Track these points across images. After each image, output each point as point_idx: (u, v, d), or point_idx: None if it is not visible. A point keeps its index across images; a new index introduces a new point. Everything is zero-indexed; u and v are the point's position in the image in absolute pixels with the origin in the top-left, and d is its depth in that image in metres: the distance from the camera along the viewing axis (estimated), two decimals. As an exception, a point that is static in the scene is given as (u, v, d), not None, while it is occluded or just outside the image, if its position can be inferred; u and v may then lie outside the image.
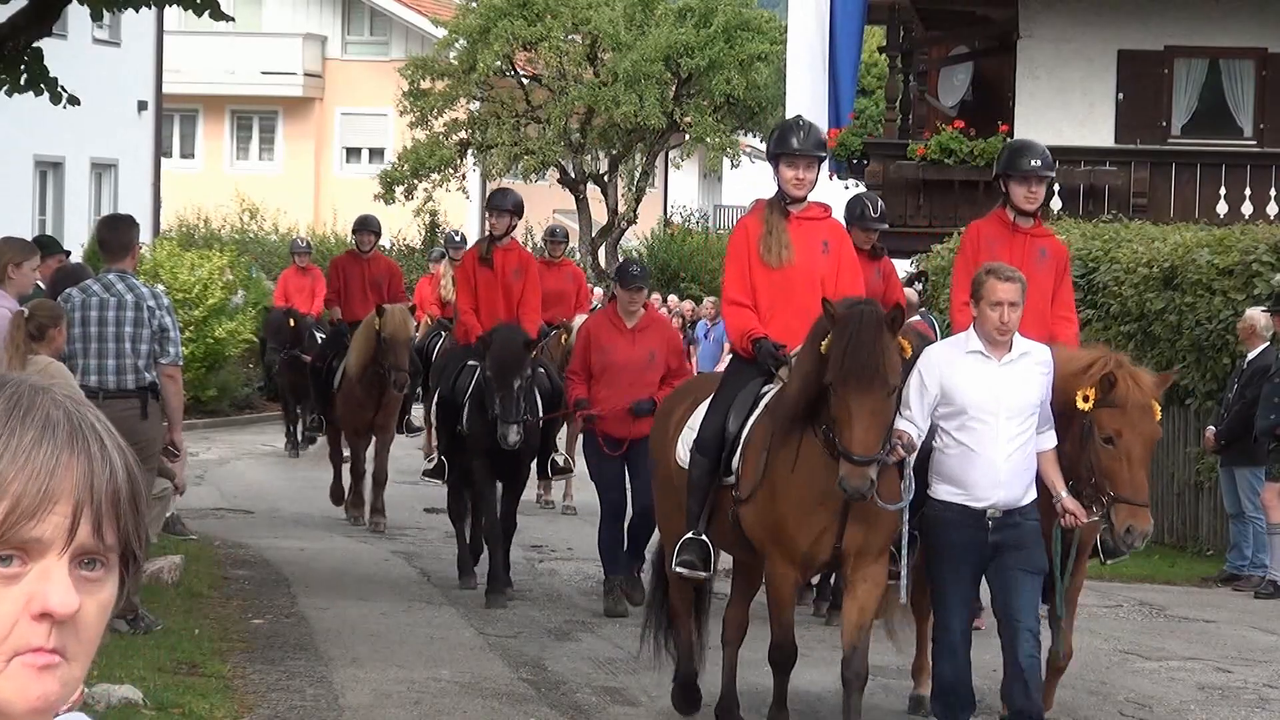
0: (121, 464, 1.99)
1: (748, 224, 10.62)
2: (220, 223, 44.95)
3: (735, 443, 10.08)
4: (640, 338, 14.20)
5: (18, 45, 15.23)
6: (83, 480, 1.95)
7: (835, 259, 10.47)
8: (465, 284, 15.38)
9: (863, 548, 9.64)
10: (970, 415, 9.45)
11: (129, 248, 12.32)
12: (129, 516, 1.99)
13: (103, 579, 1.98)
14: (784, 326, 10.15)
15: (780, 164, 10.43)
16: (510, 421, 14.19)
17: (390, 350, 18.05)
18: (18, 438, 1.94)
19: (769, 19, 43.05)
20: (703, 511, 10.22)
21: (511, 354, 14.31)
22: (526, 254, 15.86)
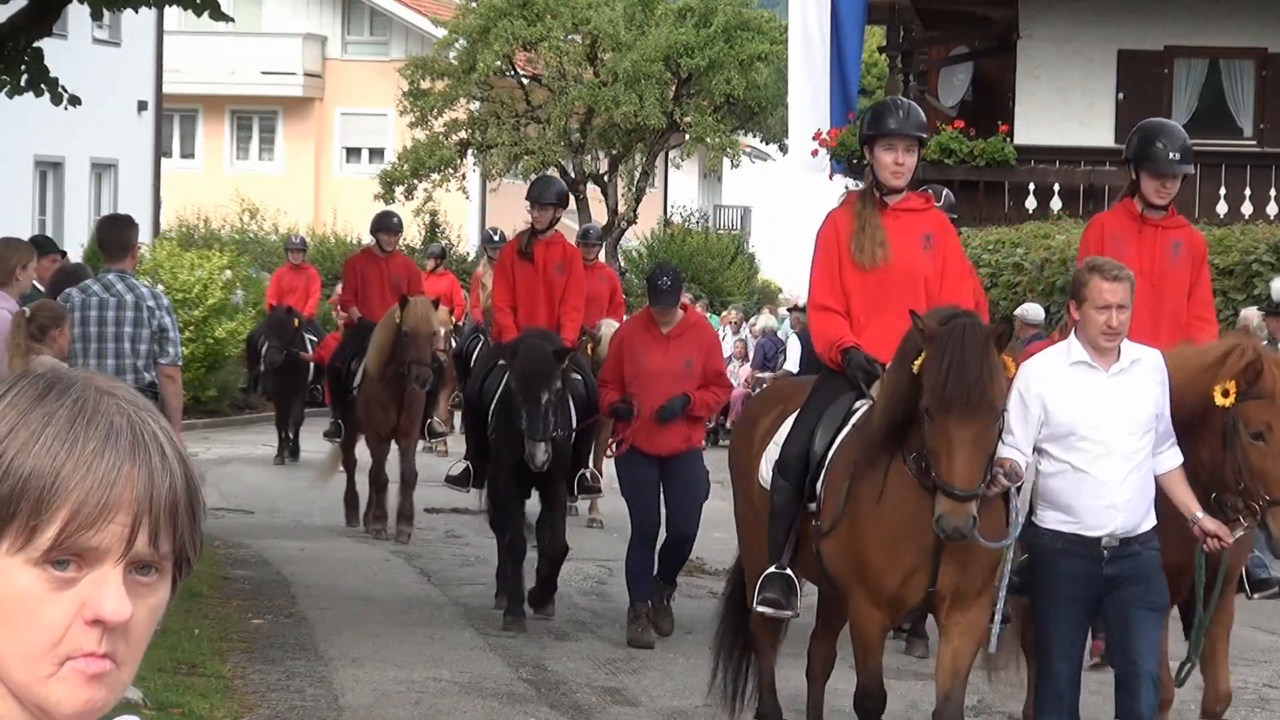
0: (181, 473, 2.00)
1: (837, 219, 9.43)
2: (220, 223, 44.96)
3: (821, 464, 9.02)
4: (676, 344, 13.12)
5: (18, 45, 15.23)
6: (143, 492, 1.96)
7: (939, 256, 9.28)
8: (503, 279, 14.41)
9: (959, 590, 8.60)
10: (1078, 435, 8.30)
11: (129, 248, 12.33)
12: (185, 525, 2.01)
13: (155, 584, 2.00)
14: (880, 335, 9.02)
15: (876, 148, 9.23)
16: (537, 439, 13.05)
17: (411, 344, 17.11)
18: (80, 445, 1.95)
19: (769, 19, 43.04)
20: (787, 541, 9.18)
21: (539, 365, 13.17)
22: (571, 248, 14.82)
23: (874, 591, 8.66)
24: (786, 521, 9.15)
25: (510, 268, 14.35)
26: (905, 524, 8.48)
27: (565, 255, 14.43)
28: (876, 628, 8.84)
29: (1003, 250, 22.39)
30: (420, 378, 17.23)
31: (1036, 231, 22.66)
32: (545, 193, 14.55)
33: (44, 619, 1.95)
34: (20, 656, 1.95)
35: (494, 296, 14.58)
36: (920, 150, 9.41)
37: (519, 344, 13.35)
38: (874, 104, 9.70)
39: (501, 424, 13.54)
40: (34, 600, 1.94)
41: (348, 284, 18.93)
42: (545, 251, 14.29)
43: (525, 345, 13.32)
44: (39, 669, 1.95)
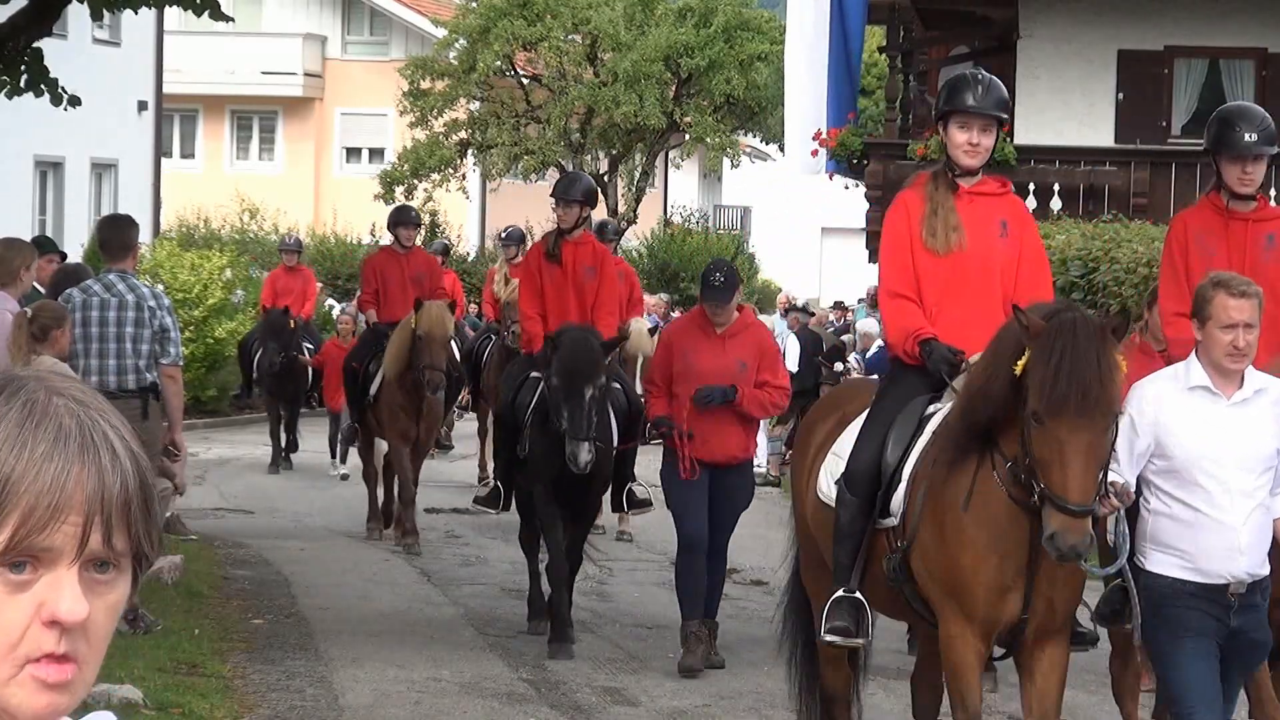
0: (133, 469, 2.01)
1: (908, 201, 8.74)
2: (220, 223, 44.96)
3: (895, 477, 8.20)
4: (730, 344, 12.16)
5: (18, 45, 15.23)
6: (94, 492, 1.97)
7: (1015, 243, 8.54)
8: (530, 285, 13.50)
9: (1046, 620, 7.78)
10: (1197, 471, 7.43)
11: (130, 248, 12.34)
12: (140, 521, 2.01)
13: (113, 581, 2.01)
14: (953, 326, 8.32)
15: (950, 125, 8.64)
16: (581, 438, 12.04)
17: (425, 349, 16.48)
18: (29, 450, 1.96)
19: (769, 19, 43.04)
20: (855, 563, 8.34)
21: (584, 356, 12.29)
22: (601, 248, 13.94)
23: (965, 605, 7.81)
24: (854, 541, 8.33)
25: (537, 272, 13.48)
26: (994, 535, 7.70)
27: (596, 256, 13.59)
28: (970, 652, 7.86)
29: (1003, 250, 22.37)
30: (433, 383, 16.59)
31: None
32: (571, 189, 13.72)
33: (2, 622, 1.95)
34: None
35: (521, 304, 13.67)
36: (998, 130, 8.73)
37: (560, 336, 12.43)
38: (951, 78, 8.89)
39: (538, 435, 12.60)
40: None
41: (367, 284, 18.07)
42: (574, 253, 13.43)
43: (568, 337, 12.42)
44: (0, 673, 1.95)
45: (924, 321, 8.38)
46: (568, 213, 13.51)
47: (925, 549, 7.97)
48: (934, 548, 7.92)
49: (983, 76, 8.79)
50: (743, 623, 13.78)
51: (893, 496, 8.18)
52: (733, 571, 16.24)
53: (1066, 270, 19.95)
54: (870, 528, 8.29)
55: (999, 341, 7.62)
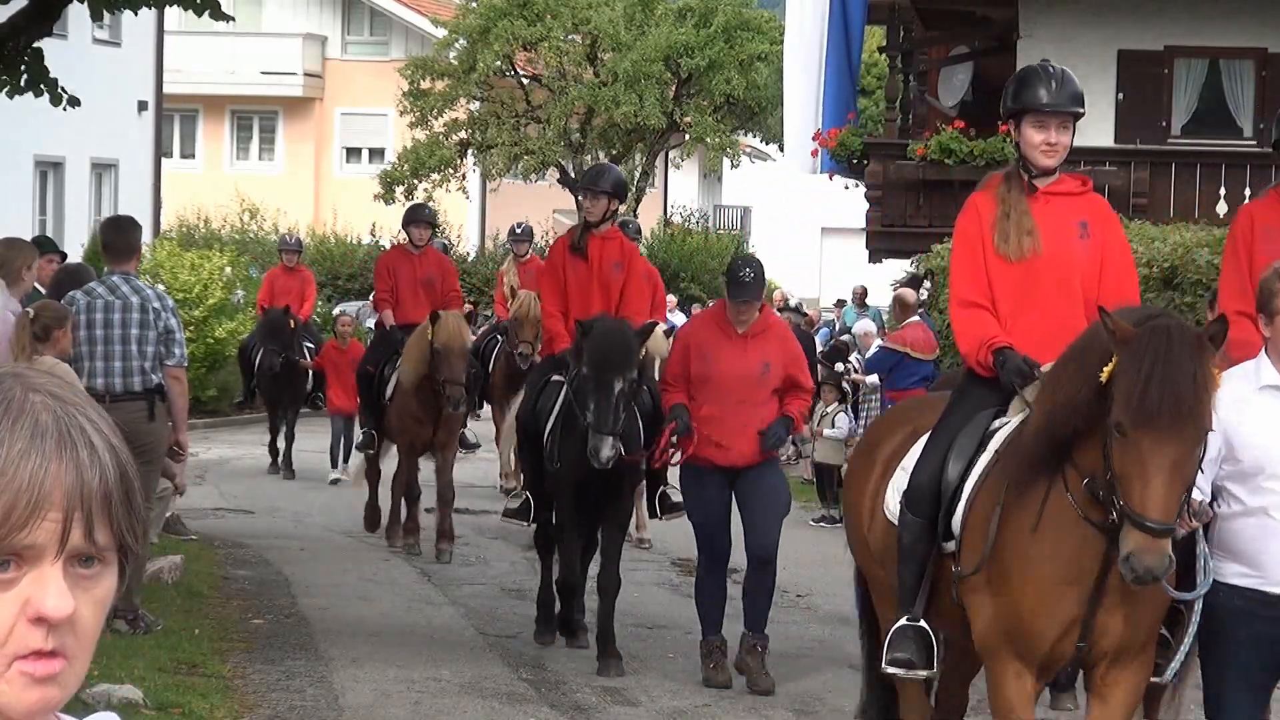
0: (112, 463, 2.01)
1: (979, 204, 8.07)
2: (220, 223, 44.99)
3: (956, 495, 7.67)
4: (753, 345, 11.54)
5: (18, 45, 15.23)
6: (72, 488, 1.97)
7: (1097, 245, 7.91)
8: (552, 281, 12.80)
9: (1122, 645, 7.22)
10: (1268, 474, 6.98)
11: (134, 250, 12.34)
12: (121, 515, 2.01)
13: (99, 575, 2.01)
14: (1027, 336, 7.76)
15: (1024, 124, 7.94)
16: (605, 431, 11.43)
17: (444, 362, 15.86)
18: (6, 447, 1.96)
19: (769, 19, 43.06)
20: (920, 587, 7.81)
21: (618, 346, 11.65)
22: (629, 244, 13.17)
23: (1024, 648, 7.26)
24: (918, 564, 7.77)
25: (561, 267, 12.76)
26: (1064, 563, 7.14)
27: (623, 252, 12.89)
28: (1024, 697, 7.33)
29: (1003, 250, 22.37)
30: (453, 398, 15.99)
31: (1036, 231, 22.62)
32: (599, 180, 12.96)
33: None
34: None
35: (543, 301, 13.01)
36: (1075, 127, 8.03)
37: (593, 324, 11.75)
38: (1021, 71, 8.24)
39: (564, 439, 11.96)
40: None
41: (382, 283, 17.50)
42: (601, 248, 12.71)
43: (601, 325, 11.75)
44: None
45: (998, 329, 7.82)
46: (595, 205, 12.79)
47: (987, 583, 7.38)
48: (998, 582, 7.33)
49: (1054, 69, 8.11)
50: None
51: (953, 517, 7.65)
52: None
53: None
54: (936, 550, 7.74)
55: (1083, 348, 7.07)
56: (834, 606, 13.98)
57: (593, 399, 11.54)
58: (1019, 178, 7.99)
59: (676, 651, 12.52)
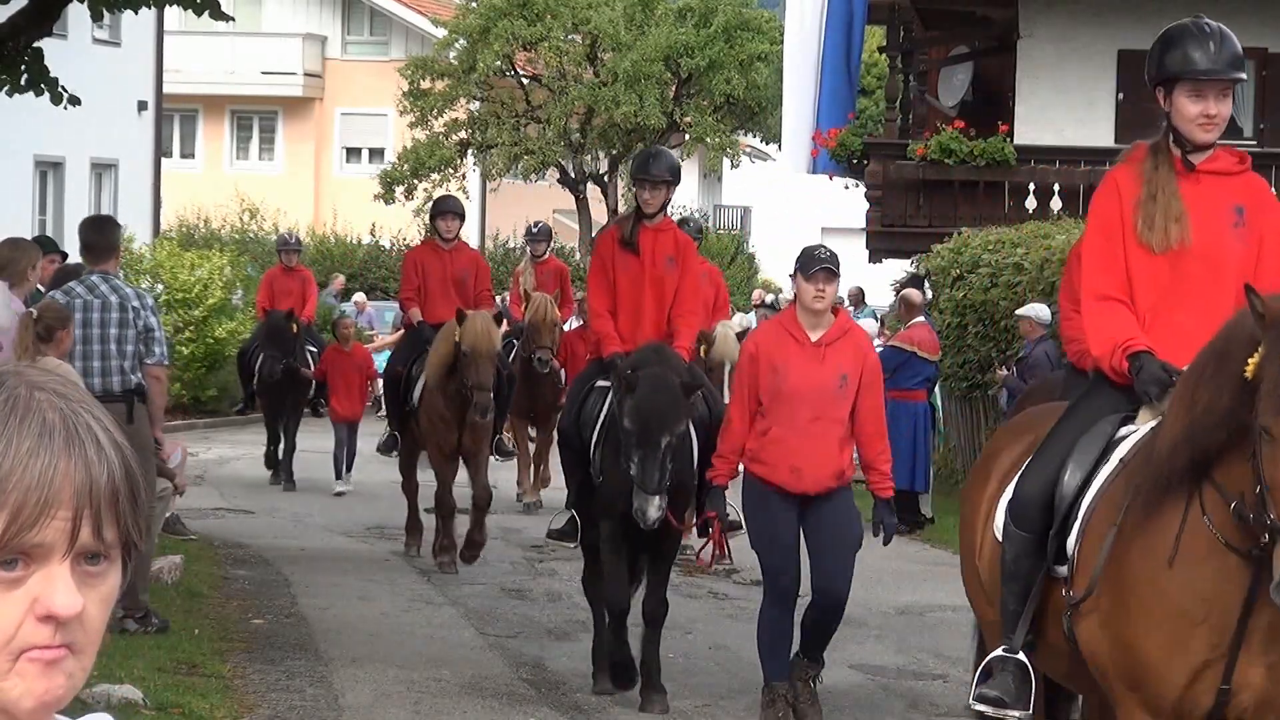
0: (119, 460, 2.01)
1: (1120, 181, 6.95)
2: (220, 223, 44.99)
3: (1072, 512, 6.66)
4: (829, 355, 10.20)
5: (18, 45, 15.23)
6: (81, 485, 1.98)
7: (1254, 234, 6.84)
8: (600, 278, 11.55)
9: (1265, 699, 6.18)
10: None
11: (115, 249, 12.32)
12: (128, 512, 2.02)
13: (105, 572, 2.02)
14: (1171, 337, 6.70)
15: (1176, 93, 6.82)
16: (650, 491, 10.44)
17: (472, 366, 14.88)
18: (14, 446, 1.96)
19: (769, 19, 43.05)
20: (1023, 613, 6.79)
21: (664, 401, 10.55)
22: (684, 238, 11.93)
23: (1152, 695, 6.27)
24: (1021, 585, 6.77)
25: (610, 263, 11.53)
26: (1198, 600, 6.14)
27: (677, 245, 11.67)
28: None
29: (1003, 250, 22.38)
30: (481, 405, 14.94)
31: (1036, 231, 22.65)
32: (655, 165, 11.66)
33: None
34: None
35: (590, 299, 11.78)
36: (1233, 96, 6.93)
37: (638, 376, 10.61)
38: (1170, 29, 6.97)
39: (609, 462, 10.94)
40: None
41: (408, 281, 16.52)
42: (654, 241, 11.53)
43: (647, 378, 10.60)
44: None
45: (1136, 330, 6.74)
46: (655, 195, 11.53)
47: (1105, 615, 6.41)
48: (1118, 615, 6.35)
49: (1211, 27, 6.88)
50: (743, 623, 13.77)
51: (1067, 537, 6.65)
52: (733, 572, 16.24)
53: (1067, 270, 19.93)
54: (1044, 573, 6.74)
55: (1225, 340, 6.06)
56: (834, 606, 13.96)
57: (637, 453, 10.50)
58: (1168, 153, 6.86)
59: (676, 651, 12.52)
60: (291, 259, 22.59)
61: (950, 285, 23.31)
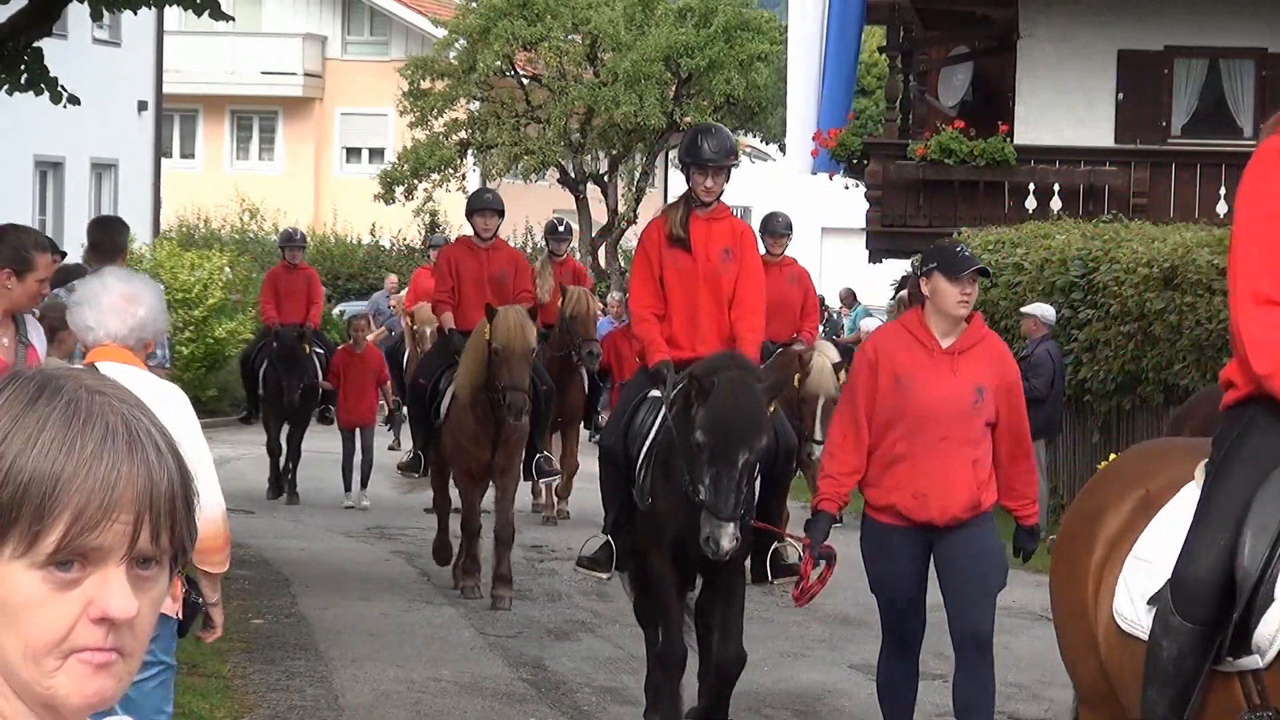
0: (176, 468, 2.03)
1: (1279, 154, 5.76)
2: (220, 223, 45.00)
3: (1260, 592, 5.40)
4: (963, 366, 8.64)
5: (18, 45, 15.24)
6: (143, 490, 1.99)
7: None
8: (645, 276, 10.18)
9: None
10: None
11: (122, 250, 12.33)
12: (183, 519, 2.03)
13: (156, 576, 2.03)
14: None
15: None
16: (724, 517, 8.95)
17: (504, 365, 13.71)
18: (79, 448, 1.97)
19: (769, 19, 43.04)
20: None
21: (746, 411, 9.10)
22: (741, 225, 10.51)
23: None
24: (1181, 687, 5.49)
25: (656, 259, 10.15)
26: None
27: (734, 236, 10.25)
28: None
29: (1003, 250, 22.39)
30: (515, 406, 13.76)
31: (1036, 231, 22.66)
32: (710, 146, 10.12)
33: (49, 620, 1.97)
34: (26, 656, 1.97)
35: (632, 301, 10.50)
36: None
37: (714, 380, 9.16)
38: None
39: (660, 483, 9.56)
40: (38, 603, 1.96)
41: (442, 282, 15.26)
42: (707, 232, 10.13)
43: (726, 384, 9.13)
44: (44, 665, 1.97)
45: None
46: (716, 181, 10.14)
47: None
48: None
49: None
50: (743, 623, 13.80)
51: (1257, 623, 5.40)
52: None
53: (1066, 270, 19.96)
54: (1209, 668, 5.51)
55: None
56: (834, 606, 13.97)
57: (709, 473, 9.06)
58: None
59: (676, 651, 12.51)
60: (296, 256, 21.31)
61: (950, 285, 23.30)
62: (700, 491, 9.08)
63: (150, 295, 7.20)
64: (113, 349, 7.03)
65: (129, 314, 7.03)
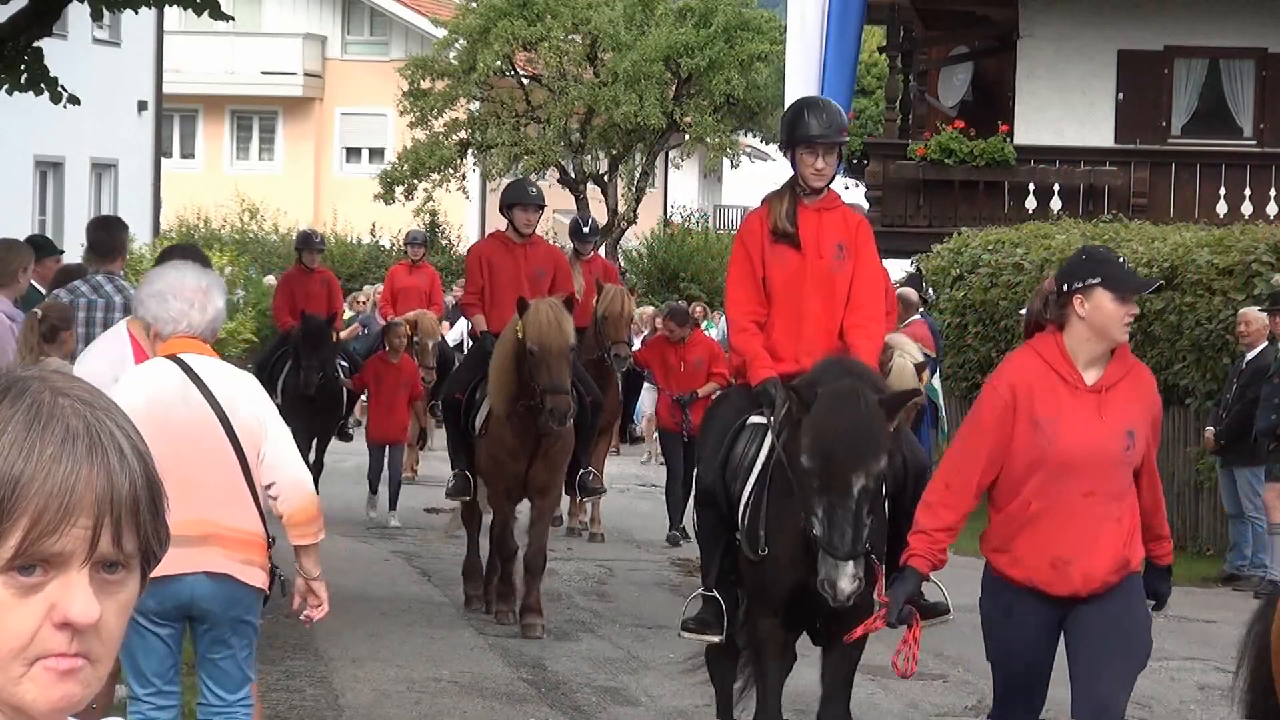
0: (140, 470, 2.00)
1: None
2: (220, 223, 44.99)
3: None
4: (1110, 403, 7.06)
5: (18, 45, 15.24)
6: (103, 494, 1.96)
7: None
8: (745, 275, 8.67)
9: None
10: None
11: (122, 250, 12.33)
12: (149, 522, 2.01)
13: (123, 581, 2.01)
14: None
15: None
16: (840, 554, 7.60)
17: (541, 366, 12.22)
18: (37, 451, 1.95)
19: (769, 19, 43.04)
20: None
21: (857, 428, 7.65)
22: (856, 216, 8.94)
23: None
24: None
25: (758, 256, 8.68)
26: None
27: (848, 228, 8.73)
28: None
29: (1003, 250, 22.40)
30: (557, 411, 12.25)
31: (1036, 231, 22.68)
32: (818, 122, 8.64)
33: (11, 625, 1.95)
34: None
35: (730, 306, 8.85)
36: None
37: (816, 393, 7.76)
38: None
39: (775, 514, 8.08)
40: (1, 609, 1.94)
41: (472, 281, 13.88)
42: (817, 226, 8.65)
43: (831, 396, 7.73)
44: (10, 672, 1.96)
45: None
46: (827, 162, 8.64)
47: None
48: None
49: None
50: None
51: None
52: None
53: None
54: None
55: None
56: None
57: (821, 504, 7.68)
58: None
59: (676, 651, 12.52)
60: (314, 259, 19.49)
61: (950, 285, 23.32)
62: (814, 526, 7.71)
63: (221, 290, 7.47)
64: (190, 341, 7.24)
65: (209, 306, 7.27)
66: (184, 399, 7.17)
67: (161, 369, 7.27)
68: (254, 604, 7.87)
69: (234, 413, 7.24)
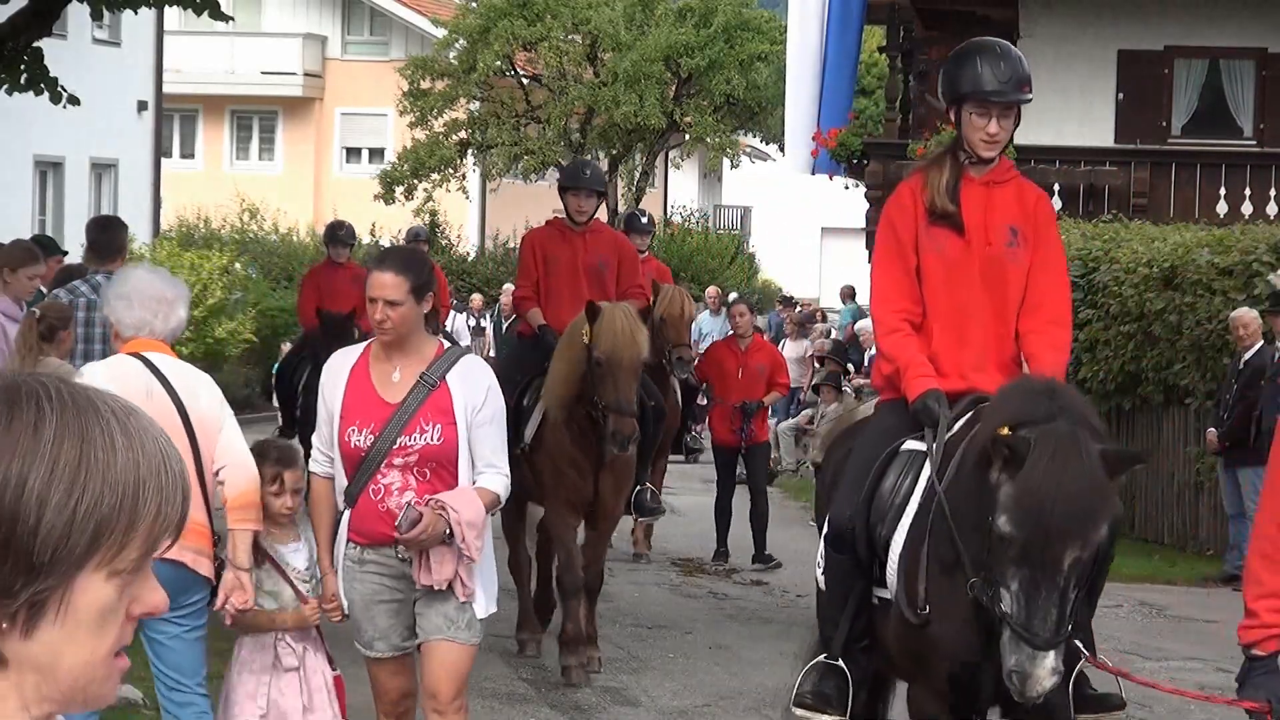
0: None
1: None
2: (220, 223, 45.00)
3: None
4: None
5: (18, 45, 15.25)
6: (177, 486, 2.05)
7: None
8: (894, 263, 7.04)
9: None
10: None
11: (121, 250, 12.33)
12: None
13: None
14: None
15: None
16: (1042, 644, 5.99)
17: (608, 380, 10.87)
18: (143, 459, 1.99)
19: (769, 19, 43.07)
20: None
21: (1078, 492, 5.98)
22: (1036, 191, 7.48)
23: None
24: None
25: (909, 243, 7.03)
26: None
27: (1025, 208, 7.18)
28: None
29: (1003, 250, 22.40)
30: (620, 435, 10.93)
31: (1036, 231, 22.66)
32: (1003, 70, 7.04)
33: (115, 626, 2.00)
34: (90, 664, 1.98)
35: (876, 305, 7.10)
36: None
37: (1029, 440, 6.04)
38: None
39: (934, 581, 6.48)
40: (112, 610, 1.99)
41: (526, 273, 12.41)
42: (985, 204, 7.07)
43: (1049, 442, 6.05)
44: (101, 671, 2.00)
45: None
46: (1003, 126, 7.14)
47: None
48: None
49: None
50: (742, 623, 13.79)
51: None
52: (732, 571, 16.25)
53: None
54: None
55: None
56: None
57: (1018, 576, 6.07)
58: None
59: (676, 651, 12.52)
60: (342, 253, 18.39)
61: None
62: (1003, 600, 6.09)
63: (185, 296, 8.02)
64: (152, 341, 7.83)
65: (171, 317, 7.86)
66: (148, 392, 7.61)
67: (126, 364, 7.75)
68: (204, 592, 8.47)
69: (193, 408, 7.88)
